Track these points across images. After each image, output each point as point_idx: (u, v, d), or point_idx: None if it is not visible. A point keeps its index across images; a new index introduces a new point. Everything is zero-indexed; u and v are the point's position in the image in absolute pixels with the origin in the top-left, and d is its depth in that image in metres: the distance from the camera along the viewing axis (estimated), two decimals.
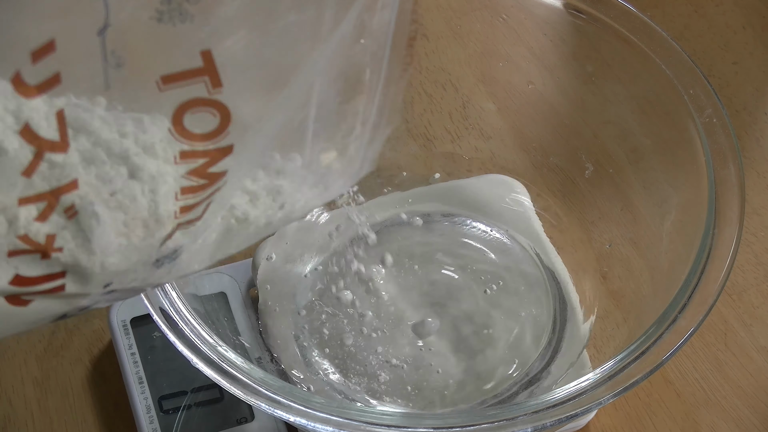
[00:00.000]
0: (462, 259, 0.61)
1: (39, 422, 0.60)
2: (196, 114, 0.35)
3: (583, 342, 0.58)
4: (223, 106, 0.35)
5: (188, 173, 0.35)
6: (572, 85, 0.64)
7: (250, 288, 0.60)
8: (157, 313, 0.48)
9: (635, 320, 0.55)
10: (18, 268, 0.33)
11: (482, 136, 0.66)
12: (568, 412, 0.45)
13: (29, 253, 0.33)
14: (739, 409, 0.60)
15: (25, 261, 0.33)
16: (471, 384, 0.56)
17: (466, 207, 0.64)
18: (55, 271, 0.34)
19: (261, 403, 0.45)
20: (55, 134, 0.33)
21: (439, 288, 0.60)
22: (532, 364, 0.58)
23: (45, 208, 0.33)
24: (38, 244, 0.33)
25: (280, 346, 0.57)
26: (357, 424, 0.45)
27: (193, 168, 0.35)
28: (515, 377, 0.57)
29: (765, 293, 0.64)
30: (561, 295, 0.60)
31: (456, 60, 0.65)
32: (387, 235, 0.62)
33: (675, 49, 0.56)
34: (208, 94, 0.34)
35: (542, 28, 0.63)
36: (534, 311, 0.59)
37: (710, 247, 0.50)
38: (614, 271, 0.59)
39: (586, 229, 0.62)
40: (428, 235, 0.62)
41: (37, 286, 0.34)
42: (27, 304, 0.34)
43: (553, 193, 0.64)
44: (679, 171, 0.56)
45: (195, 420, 0.57)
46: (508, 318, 0.59)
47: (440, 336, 0.58)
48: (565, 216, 0.64)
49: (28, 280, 0.34)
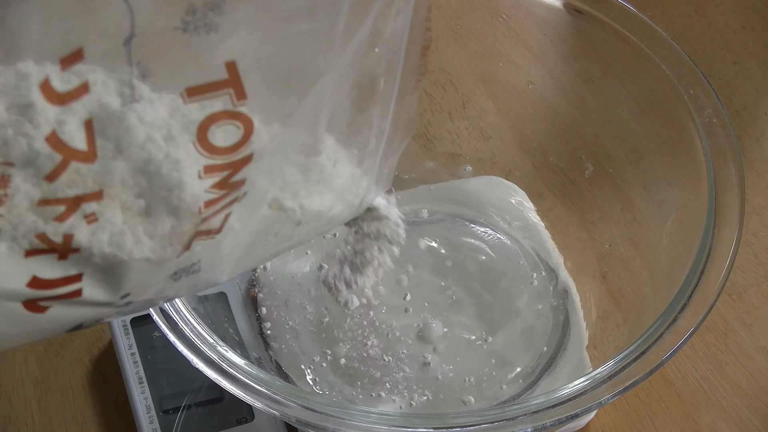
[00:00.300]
0: (462, 258, 0.61)
1: (39, 422, 0.60)
2: (221, 127, 0.34)
3: (584, 342, 0.58)
4: (247, 119, 0.35)
5: (212, 187, 0.35)
6: (572, 85, 0.64)
7: (250, 288, 0.60)
8: (157, 313, 0.48)
9: (635, 320, 0.55)
10: (35, 270, 0.33)
11: (482, 136, 0.66)
12: (568, 412, 0.45)
13: (46, 253, 0.33)
14: (739, 409, 0.60)
15: (42, 261, 0.33)
16: (474, 389, 0.56)
17: (467, 207, 0.64)
18: (72, 274, 0.34)
19: (261, 403, 0.45)
20: (83, 144, 0.32)
21: (440, 289, 0.60)
22: (534, 364, 0.58)
23: (65, 211, 0.33)
24: (56, 243, 0.33)
25: (280, 346, 0.57)
26: (357, 424, 0.45)
27: (216, 182, 0.35)
28: (517, 377, 0.57)
29: (765, 293, 0.64)
30: (561, 295, 0.60)
31: (456, 60, 0.65)
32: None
33: (675, 49, 0.56)
34: (233, 106, 0.34)
35: (542, 28, 0.63)
36: (535, 312, 0.59)
37: (710, 247, 0.50)
38: (614, 271, 0.59)
39: (586, 229, 0.62)
40: (429, 235, 0.62)
41: (55, 290, 0.34)
42: (44, 311, 0.34)
43: (553, 193, 0.64)
44: (679, 171, 0.56)
45: (195, 420, 0.57)
46: (509, 319, 0.59)
47: (443, 338, 0.58)
48: (565, 216, 0.64)
49: (46, 283, 0.34)
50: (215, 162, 0.35)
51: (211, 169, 0.35)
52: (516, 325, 0.59)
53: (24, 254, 0.33)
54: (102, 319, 0.37)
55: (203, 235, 0.36)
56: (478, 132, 0.66)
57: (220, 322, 0.55)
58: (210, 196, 0.35)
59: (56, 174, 0.32)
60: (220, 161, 0.35)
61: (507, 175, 0.65)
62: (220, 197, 0.35)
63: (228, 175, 0.35)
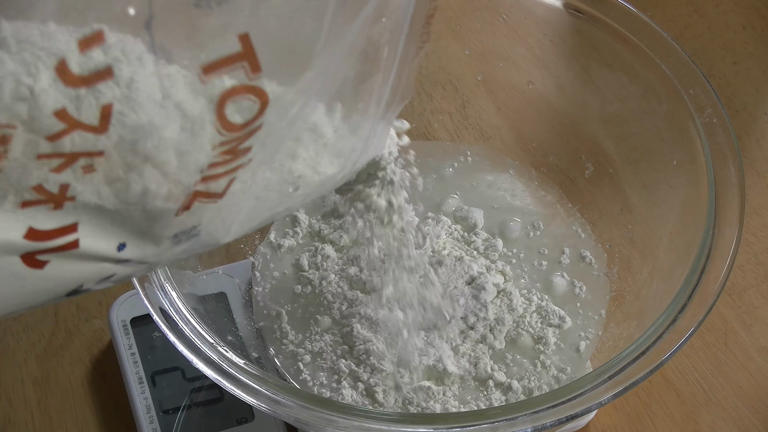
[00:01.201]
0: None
1: (39, 422, 0.60)
2: (237, 102, 0.35)
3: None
4: (262, 92, 0.35)
5: (220, 153, 0.35)
6: (572, 85, 0.64)
7: (250, 288, 0.60)
8: (157, 313, 0.48)
9: (635, 320, 0.55)
10: (31, 221, 0.33)
11: (482, 136, 0.66)
12: (568, 412, 0.45)
13: (42, 204, 0.33)
14: (739, 409, 0.60)
15: (38, 212, 0.33)
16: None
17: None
18: (68, 223, 0.34)
19: (261, 403, 0.45)
20: (95, 121, 0.32)
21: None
22: None
23: (63, 163, 0.33)
24: (51, 194, 0.33)
25: (279, 346, 0.57)
26: (357, 424, 0.45)
27: (225, 150, 0.35)
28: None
29: (765, 293, 0.64)
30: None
31: (456, 60, 0.65)
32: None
33: (675, 49, 0.56)
34: (248, 80, 0.34)
35: (542, 28, 0.63)
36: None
37: (710, 247, 0.50)
38: (614, 271, 0.59)
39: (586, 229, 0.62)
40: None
41: (51, 241, 0.34)
42: (43, 266, 0.34)
43: (553, 193, 0.64)
44: (679, 171, 0.56)
45: (195, 420, 0.57)
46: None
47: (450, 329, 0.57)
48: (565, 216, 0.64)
49: (42, 234, 0.34)
50: (230, 137, 0.35)
51: (224, 143, 0.35)
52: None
53: (20, 205, 0.33)
54: (103, 279, 0.37)
55: (204, 197, 0.36)
56: (478, 132, 0.66)
57: (220, 322, 0.55)
58: (216, 160, 0.35)
59: (59, 137, 0.32)
60: (235, 135, 0.35)
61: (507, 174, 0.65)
62: (226, 161, 0.36)
63: (237, 144, 0.35)
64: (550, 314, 0.57)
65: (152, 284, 0.49)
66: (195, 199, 0.36)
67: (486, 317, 0.56)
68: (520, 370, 0.56)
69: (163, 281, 0.49)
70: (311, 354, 0.56)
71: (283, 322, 0.57)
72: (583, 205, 0.63)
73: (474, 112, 0.66)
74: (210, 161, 0.35)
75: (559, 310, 0.58)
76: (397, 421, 0.45)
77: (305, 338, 0.57)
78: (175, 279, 0.50)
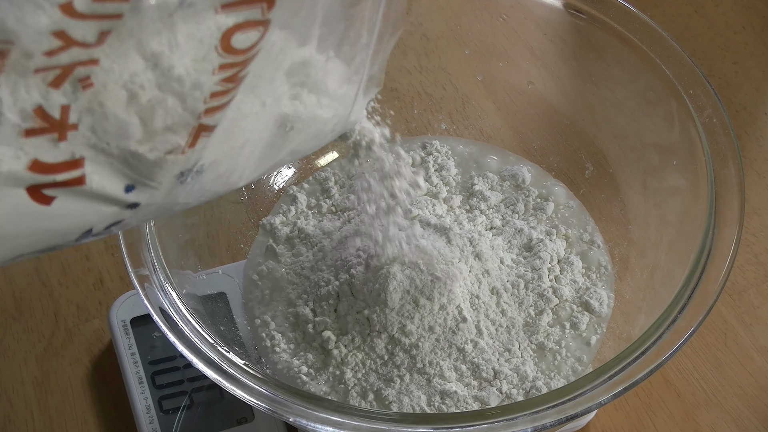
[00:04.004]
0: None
1: (39, 422, 0.60)
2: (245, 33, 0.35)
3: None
4: (268, 22, 0.36)
5: (222, 81, 0.36)
6: (572, 85, 0.65)
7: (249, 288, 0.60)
8: (157, 313, 0.48)
9: (635, 320, 0.55)
10: (36, 153, 0.33)
11: (482, 136, 0.66)
12: (568, 412, 0.45)
13: (46, 133, 0.33)
14: (739, 409, 0.60)
15: (43, 143, 0.33)
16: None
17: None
18: (74, 158, 0.34)
19: (261, 403, 0.45)
20: (93, 39, 0.33)
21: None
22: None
23: (59, 75, 0.33)
24: (53, 118, 0.33)
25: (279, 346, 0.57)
26: (357, 425, 0.45)
27: (226, 77, 0.36)
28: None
29: (765, 293, 0.64)
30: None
31: (456, 60, 0.65)
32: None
33: (675, 49, 0.56)
34: (262, 16, 0.35)
35: (542, 28, 0.63)
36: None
37: (710, 247, 0.50)
38: (614, 271, 0.59)
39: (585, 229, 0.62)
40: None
41: (57, 174, 0.34)
42: (50, 201, 0.34)
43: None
44: (679, 171, 0.56)
45: (195, 420, 0.57)
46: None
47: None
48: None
49: (48, 166, 0.34)
50: (233, 60, 0.36)
51: (225, 66, 0.36)
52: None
53: (24, 133, 0.33)
54: (112, 224, 0.37)
55: (207, 131, 0.36)
56: (478, 132, 0.66)
57: (220, 322, 0.55)
58: (217, 89, 0.36)
59: (55, 53, 0.32)
60: (238, 59, 0.36)
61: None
62: (227, 91, 0.36)
63: (238, 70, 0.36)
64: (593, 297, 0.58)
65: (152, 284, 0.49)
66: (200, 133, 0.36)
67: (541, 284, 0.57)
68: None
69: (163, 281, 0.49)
70: (312, 353, 0.56)
71: (282, 320, 0.57)
72: (583, 205, 0.63)
73: (474, 112, 0.66)
74: (212, 89, 0.35)
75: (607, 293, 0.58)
76: (397, 421, 0.45)
77: (305, 337, 0.57)
78: (175, 279, 0.50)
